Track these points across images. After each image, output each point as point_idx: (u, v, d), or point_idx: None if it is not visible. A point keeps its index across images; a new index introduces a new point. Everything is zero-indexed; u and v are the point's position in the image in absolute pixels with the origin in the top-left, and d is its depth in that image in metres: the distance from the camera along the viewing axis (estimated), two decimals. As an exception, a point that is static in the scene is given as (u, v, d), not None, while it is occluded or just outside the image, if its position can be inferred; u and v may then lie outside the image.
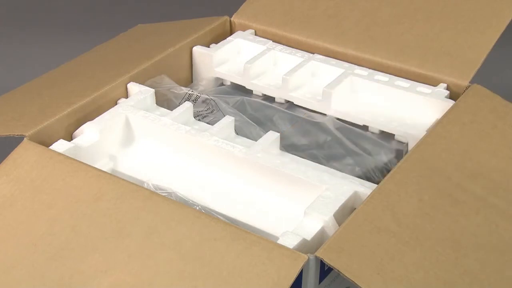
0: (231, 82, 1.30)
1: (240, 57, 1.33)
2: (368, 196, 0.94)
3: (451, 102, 1.15)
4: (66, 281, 0.85)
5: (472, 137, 1.04)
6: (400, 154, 1.13)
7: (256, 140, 1.08)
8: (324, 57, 1.28)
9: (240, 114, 1.18)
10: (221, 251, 0.85)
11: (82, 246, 0.88)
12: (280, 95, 1.24)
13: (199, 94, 1.21)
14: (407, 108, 1.18)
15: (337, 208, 0.94)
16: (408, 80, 1.21)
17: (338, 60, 1.27)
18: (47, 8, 2.19)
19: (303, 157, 1.09)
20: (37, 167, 0.99)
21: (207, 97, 1.21)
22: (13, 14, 2.18)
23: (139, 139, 1.13)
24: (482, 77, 1.22)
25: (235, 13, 1.40)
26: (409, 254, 0.86)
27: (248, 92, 1.28)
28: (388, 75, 1.23)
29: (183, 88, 1.23)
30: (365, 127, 1.17)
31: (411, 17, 1.32)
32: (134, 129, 1.13)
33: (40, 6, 2.18)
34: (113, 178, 0.98)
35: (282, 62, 1.29)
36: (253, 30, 1.37)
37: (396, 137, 1.15)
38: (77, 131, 1.11)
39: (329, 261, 0.82)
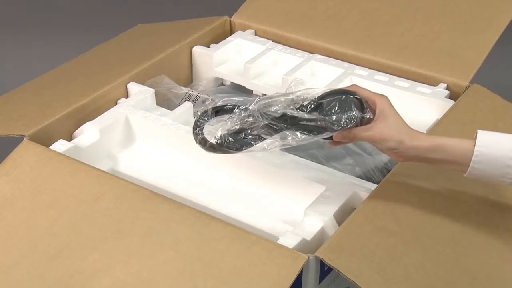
0: (231, 82, 1.30)
1: (240, 57, 1.33)
2: (368, 196, 0.95)
3: (451, 102, 1.15)
4: (66, 281, 0.85)
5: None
6: (400, 154, 1.12)
7: (256, 140, 1.08)
8: (324, 57, 1.28)
9: (240, 114, 1.18)
10: (221, 251, 0.85)
11: (82, 246, 0.88)
12: (280, 95, 1.24)
13: (199, 94, 1.21)
14: (407, 108, 1.18)
15: (337, 208, 0.94)
16: (408, 80, 1.21)
17: (338, 60, 1.27)
18: (47, 9, 2.19)
19: (303, 157, 1.09)
20: (37, 167, 0.99)
21: (207, 97, 1.21)
22: (13, 14, 2.18)
23: (139, 139, 1.13)
24: (482, 77, 1.22)
25: (235, 13, 1.40)
26: (409, 254, 0.86)
27: (248, 92, 1.28)
28: (388, 75, 1.23)
29: (183, 88, 1.23)
30: (365, 127, 1.17)
31: (411, 17, 1.32)
32: (134, 129, 1.13)
33: (40, 6, 2.18)
34: (113, 178, 0.98)
35: (282, 62, 1.29)
36: (253, 30, 1.37)
37: (396, 137, 1.15)
38: (77, 131, 1.11)
39: (329, 261, 0.82)
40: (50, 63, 1.34)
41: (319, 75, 1.26)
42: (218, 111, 0.88)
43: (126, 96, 1.19)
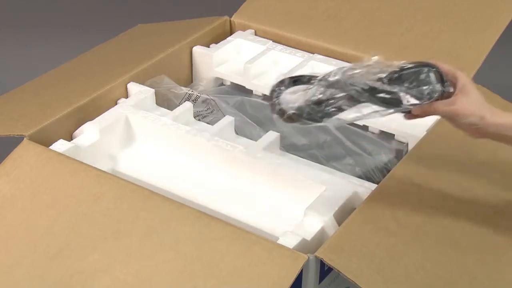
0: (231, 82, 1.30)
1: (240, 57, 1.33)
2: (368, 196, 0.95)
3: (451, 102, 1.15)
4: (66, 281, 0.85)
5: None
6: (400, 154, 1.13)
7: (256, 140, 1.08)
8: (324, 57, 1.28)
9: (240, 114, 1.18)
10: (221, 251, 0.85)
11: (82, 246, 0.88)
12: (280, 95, 1.24)
13: (199, 94, 1.21)
14: (407, 108, 1.18)
15: (337, 208, 0.94)
16: (408, 80, 1.21)
17: (338, 60, 1.27)
18: (47, 9, 2.19)
19: (303, 157, 1.09)
20: (37, 167, 0.99)
21: (207, 97, 1.21)
22: (13, 14, 2.18)
23: (139, 139, 1.13)
24: (482, 77, 1.22)
25: (235, 13, 1.40)
26: (409, 254, 0.86)
27: (248, 92, 1.28)
28: (388, 75, 1.23)
29: (183, 88, 1.23)
30: (365, 127, 1.17)
31: (411, 17, 1.32)
32: (134, 129, 1.13)
33: (40, 6, 2.18)
34: (113, 178, 0.98)
35: (282, 62, 1.29)
36: (253, 30, 1.37)
37: (396, 137, 1.15)
38: (77, 131, 1.11)
39: (329, 261, 0.82)
40: (50, 63, 1.34)
41: (319, 75, 1.26)
42: (295, 81, 0.85)
43: (126, 96, 1.19)
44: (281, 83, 0.86)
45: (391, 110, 0.84)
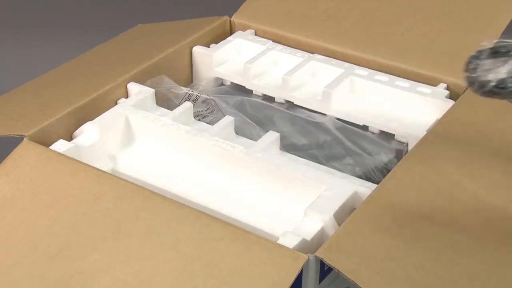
0: (231, 82, 1.30)
1: (240, 57, 1.33)
2: (368, 196, 0.94)
3: (451, 102, 1.15)
4: (66, 281, 0.85)
5: (472, 137, 1.04)
6: (400, 154, 1.13)
7: (256, 140, 1.08)
8: (324, 57, 1.28)
9: (240, 114, 1.18)
10: (221, 251, 0.85)
11: (82, 246, 0.88)
12: (280, 95, 1.24)
13: (199, 94, 1.21)
14: (407, 108, 1.18)
15: (337, 208, 0.94)
16: (408, 80, 1.21)
17: (338, 60, 1.27)
18: (47, 9, 2.19)
19: (303, 157, 1.09)
20: (37, 167, 0.99)
21: (207, 97, 1.21)
22: (13, 14, 2.18)
23: (139, 139, 1.13)
24: (482, 77, 1.22)
25: (235, 13, 1.40)
26: (409, 254, 0.86)
27: (248, 92, 1.28)
28: (388, 75, 1.23)
29: (183, 88, 1.23)
30: (365, 127, 1.17)
31: (411, 17, 1.32)
32: (134, 129, 1.13)
33: (40, 6, 2.18)
34: (113, 178, 0.98)
35: (282, 62, 1.29)
36: (253, 30, 1.37)
37: (396, 137, 1.15)
38: (77, 131, 1.11)
39: (329, 261, 0.82)
40: (50, 63, 1.34)
41: (319, 75, 1.26)
42: (495, 52, 0.79)
43: (126, 96, 1.19)
44: (478, 54, 0.80)
45: None
